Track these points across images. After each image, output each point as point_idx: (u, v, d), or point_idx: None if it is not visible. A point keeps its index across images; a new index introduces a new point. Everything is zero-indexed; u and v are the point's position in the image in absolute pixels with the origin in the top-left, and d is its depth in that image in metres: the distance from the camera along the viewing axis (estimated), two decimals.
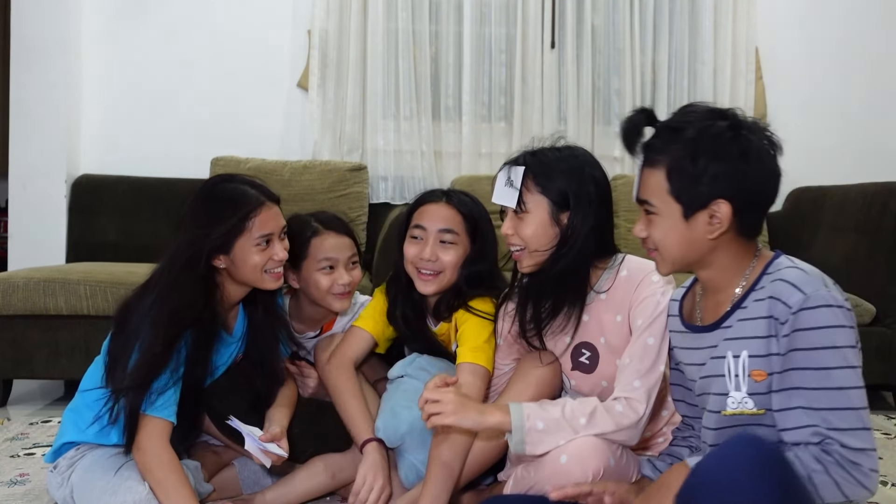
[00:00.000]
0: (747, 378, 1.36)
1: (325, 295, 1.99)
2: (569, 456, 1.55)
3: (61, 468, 1.76)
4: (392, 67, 3.63)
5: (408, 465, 1.85)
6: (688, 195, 1.37)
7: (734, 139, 1.34)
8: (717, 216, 1.36)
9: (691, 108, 1.42)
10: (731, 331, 1.40)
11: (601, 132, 3.71)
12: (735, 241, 1.40)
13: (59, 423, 2.04)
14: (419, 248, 1.91)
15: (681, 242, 1.40)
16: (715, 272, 1.43)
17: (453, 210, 1.95)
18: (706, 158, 1.34)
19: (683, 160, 1.36)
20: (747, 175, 1.34)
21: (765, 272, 1.38)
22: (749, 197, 1.36)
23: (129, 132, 3.65)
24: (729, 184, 1.34)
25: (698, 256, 1.42)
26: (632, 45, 3.66)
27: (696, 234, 1.39)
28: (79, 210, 3.48)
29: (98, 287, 2.76)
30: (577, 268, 1.71)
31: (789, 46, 3.80)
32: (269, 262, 1.77)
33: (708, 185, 1.34)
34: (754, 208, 1.38)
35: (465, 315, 1.92)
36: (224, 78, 3.67)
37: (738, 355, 1.37)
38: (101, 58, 3.63)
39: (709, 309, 1.48)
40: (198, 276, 1.73)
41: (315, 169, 3.45)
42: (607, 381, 1.73)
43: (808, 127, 3.78)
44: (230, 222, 1.72)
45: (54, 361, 2.78)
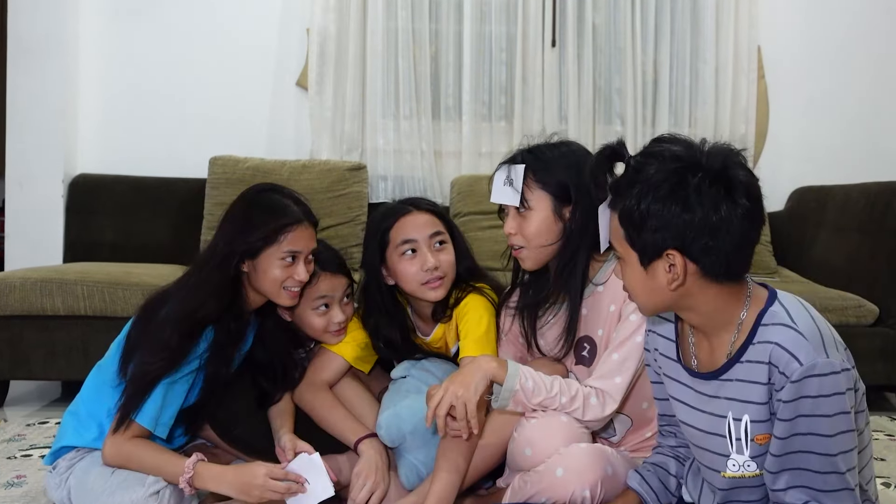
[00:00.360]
0: (751, 443, 1.34)
1: (319, 334, 1.99)
2: (565, 469, 1.57)
3: (60, 469, 1.77)
4: (392, 66, 3.64)
5: (408, 466, 1.85)
6: (639, 243, 1.31)
7: (678, 185, 1.26)
8: (673, 266, 1.29)
9: (656, 147, 1.35)
10: (730, 388, 1.35)
11: (602, 131, 3.72)
12: (710, 286, 1.31)
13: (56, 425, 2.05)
14: (419, 262, 1.89)
15: (646, 290, 1.35)
16: (700, 318, 1.37)
17: (428, 213, 1.96)
18: (650, 206, 1.27)
19: (632, 207, 1.30)
20: (692, 224, 1.25)
21: (760, 322, 1.32)
22: (702, 245, 1.26)
23: (126, 131, 3.66)
24: (675, 233, 1.27)
25: (670, 303, 1.35)
26: (633, 43, 3.66)
27: (658, 282, 1.32)
28: (76, 210, 3.48)
29: (95, 287, 2.76)
30: (573, 258, 1.74)
31: (792, 45, 3.80)
32: (290, 279, 1.78)
33: (654, 235, 1.28)
34: (714, 255, 1.27)
35: (465, 308, 1.93)
36: (222, 77, 3.67)
37: (739, 419, 1.34)
38: (98, 57, 3.63)
39: (704, 352, 1.42)
40: (226, 276, 1.75)
41: (314, 168, 3.46)
42: None
43: (811, 126, 3.79)
44: (265, 230, 1.74)
45: (51, 362, 2.78)
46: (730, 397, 1.35)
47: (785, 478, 1.29)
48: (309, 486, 1.66)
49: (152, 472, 1.66)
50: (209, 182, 3.43)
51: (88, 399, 1.79)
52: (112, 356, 1.78)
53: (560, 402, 1.65)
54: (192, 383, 1.74)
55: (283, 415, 1.91)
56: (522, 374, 1.64)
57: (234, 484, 1.63)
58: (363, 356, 2.04)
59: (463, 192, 3.49)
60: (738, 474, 1.36)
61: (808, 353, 1.24)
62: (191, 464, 1.64)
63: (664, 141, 1.35)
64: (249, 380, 1.92)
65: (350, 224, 3.42)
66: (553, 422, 1.65)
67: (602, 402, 1.67)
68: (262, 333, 1.93)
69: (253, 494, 1.62)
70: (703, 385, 1.40)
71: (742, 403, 1.33)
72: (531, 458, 1.64)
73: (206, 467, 1.66)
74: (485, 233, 3.30)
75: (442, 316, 1.99)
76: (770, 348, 1.28)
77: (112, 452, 1.69)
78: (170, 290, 1.79)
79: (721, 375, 1.36)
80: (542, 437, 1.64)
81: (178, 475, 1.64)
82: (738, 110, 3.71)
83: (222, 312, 1.75)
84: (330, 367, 1.99)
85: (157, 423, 1.69)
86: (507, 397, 1.63)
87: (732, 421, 1.35)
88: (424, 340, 2.04)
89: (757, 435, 1.33)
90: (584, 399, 1.66)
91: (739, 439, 1.34)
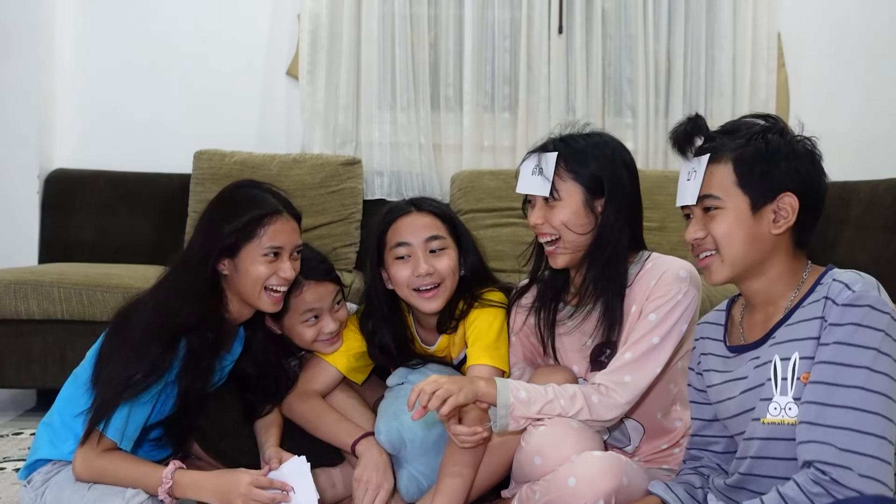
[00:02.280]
0: (796, 381, 1.36)
1: (310, 345, 1.98)
2: (577, 478, 1.56)
3: (35, 483, 1.77)
4: (388, 54, 3.63)
5: (408, 477, 1.85)
6: (758, 186, 1.42)
7: (801, 143, 1.45)
8: (783, 210, 1.42)
9: (740, 121, 1.51)
10: (779, 336, 1.42)
11: (612, 123, 3.71)
12: (790, 247, 1.46)
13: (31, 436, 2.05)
14: (411, 267, 1.89)
15: (745, 237, 1.43)
16: (767, 283, 1.47)
17: (429, 215, 1.94)
18: (778, 151, 1.42)
19: (756, 151, 1.42)
20: (812, 174, 1.43)
21: (819, 281, 1.43)
22: (813, 195, 1.43)
23: (106, 124, 3.65)
24: (799, 178, 1.42)
25: (758, 257, 1.45)
26: (645, 30, 3.66)
27: (761, 229, 1.43)
28: (52, 207, 3.48)
29: (73, 290, 2.76)
30: (613, 256, 1.74)
31: (814, 31, 3.80)
32: (273, 277, 1.76)
33: (780, 177, 1.41)
34: (814, 211, 1.44)
35: (475, 313, 1.93)
36: (208, 66, 3.67)
37: (787, 357, 1.38)
38: (76, 45, 3.63)
39: (755, 326, 1.50)
40: (203, 278, 1.74)
41: (305, 163, 3.45)
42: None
43: (834, 118, 3.78)
44: (240, 223, 1.73)
45: (26, 369, 2.77)
46: (778, 342, 1.42)
47: (805, 427, 1.31)
48: (294, 496, 1.66)
49: (129, 485, 1.65)
50: (194, 177, 3.43)
51: (64, 409, 1.78)
52: (88, 364, 1.77)
53: (560, 406, 1.65)
54: (160, 396, 1.71)
55: (270, 428, 1.91)
56: (513, 387, 1.65)
57: (216, 491, 1.63)
58: (357, 367, 2.04)
59: (464, 189, 3.49)
60: (777, 419, 1.38)
61: (862, 285, 1.34)
62: (169, 473, 1.64)
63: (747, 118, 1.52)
64: (236, 392, 1.92)
65: (344, 222, 3.42)
66: (564, 428, 1.64)
67: (606, 399, 1.66)
68: (250, 345, 1.92)
69: (234, 502, 1.61)
70: (751, 354, 1.47)
71: (791, 343, 1.39)
72: (541, 468, 1.63)
73: (185, 475, 1.66)
74: (487, 231, 3.30)
75: (447, 327, 1.97)
76: (828, 286, 1.38)
77: (83, 468, 1.68)
78: (145, 296, 1.77)
79: (771, 336, 1.44)
80: (552, 445, 1.62)
81: (157, 485, 1.64)
82: (756, 101, 3.70)
83: (201, 319, 1.73)
84: (322, 378, 1.99)
85: (123, 436, 1.68)
86: (505, 414, 1.63)
87: (780, 362, 1.39)
88: (427, 350, 2.04)
89: (805, 373, 1.36)
90: (585, 398, 1.66)
91: (785, 378, 1.38)
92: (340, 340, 2.00)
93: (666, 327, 1.68)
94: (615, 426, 1.80)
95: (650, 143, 3.65)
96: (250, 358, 1.92)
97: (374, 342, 2.00)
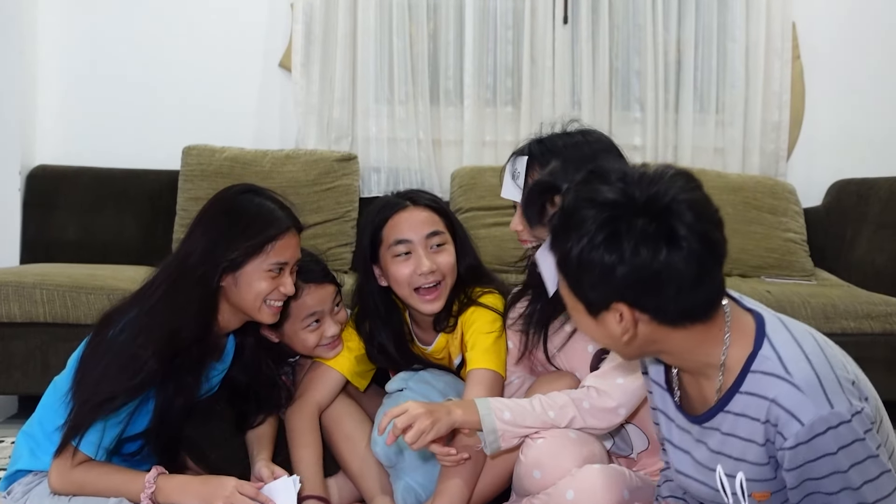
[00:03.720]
0: (749, 498, 1.33)
1: (313, 351, 2.00)
2: (576, 492, 1.57)
3: (15, 495, 1.77)
4: (385, 45, 3.63)
5: (405, 488, 1.86)
6: (581, 295, 1.28)
7: (611, 237, 1.21)
8: (623, 321, 1.26)
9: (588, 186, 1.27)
10: (718, 440, 1.34)
11: (619, 118, 3.71)
12: (671, 331, 1.28)
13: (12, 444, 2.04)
14: (413, 264, 1.89)
15: (605, 341, 1.33)
16: (676, 360, 1.36)
17: (428, 210, 1.95)
18: (585, 258, 1.23)
19: (568, 258, 1.26)
20: (629, 276, 1.21)
21: (749, 368, 1.29)
22: (647, 294, 1.23)
23: (90, 118, 3.65)
24: (615, 287, 1.23)
25: (636, 351, 1.33)
26: (654, 20, 3.65)
27: (611, 332, 1.29)
28: (35, 205, 3.47)
29: (56, 291, 2.76)
30: None
31: (830, 22, 3.79)
32: (275, 292, 1.77)
33: (594, 290, 1.25)
34: (664, 303, 1.24)
35: (473, 316, 1.93)
36: (197, 58, 3.66)
37: (732, 475, 1.33)
38: (59, 36, 3.62)
39: (694, 390, 1.40)
40: (206, 292, 1.73)
41: (299, 159, 3.45)
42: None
43: (852, 112, 3.78)
44: (252, 241, 1.73)
45: (6, 375, 2.77)
46: (718, 451, 1.34)
47: None
48: None
49: (111, 495, 1.66)
50: (182, 174, 3.42)
51: (44, 418, 1.78)
52: (69, 372, 1.77)
53: (550, 418, 1.66)
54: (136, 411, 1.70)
55: (262, 440, 1.91)
56: (496, 409, 1.65)
57: (199, 494, 1.65)
58: (360, 371, 2.04)
59: (464, 186, 3.49)
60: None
61: (807, 409, 1.21)
62: (151, 478, 1.66)
63: (595, 178, 1.28)
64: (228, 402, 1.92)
65: (339, 221, 3.42)
66: (563, 440, 1.65)
67: (598, 403, 1.67)
68: (241, 353, 1.92)
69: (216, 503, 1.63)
70: (691, 427, 1.40)
71: (734, 461, 1.32)
72: (540, 482, 1.64)
73: (168, 479, 1.68)
74: (488, 231, 3.30)
75: (444, 326, 1.97)
76: (766, 406, 1.26)
77: (60, 482, 1.69)
78: (130, 304, 1.75)
79: (705, 422, 1.35)
80: (551, 458, 1.63)
81: (139, 492, 1.65)
82: (770, 95, 3.69)
83: (202, 334, 1.73)
84: (325, 385, 1.99)
85: (98, 450, 1.69)
86: (494, 439, 1.64)
87: (725, 478, 1.34)
88: (424, 351, 2.04)
89: (755, 492, 1.32)
90: (576, 406, 1.67)
91: (735, 494, 1.33)
92: (342, 344, 2.01)
93: None
94: (615, 431, 1.80)
95: (659, 138, 3.63)
96: (242, 365, 1.92)
97: (373, 343, 2.01)
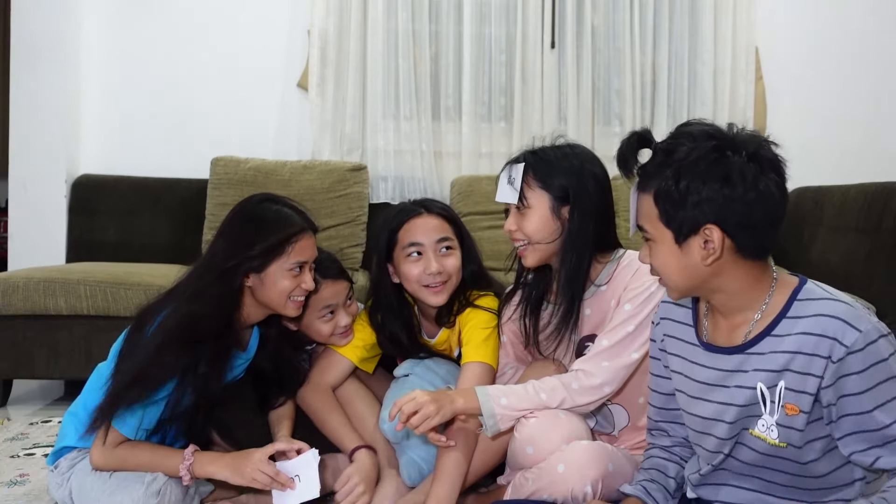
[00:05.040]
0: (780, 408, 1.33)
1: (327, 338, 2.00)
2: (566, 465, 1.57)
3: (62, 469, 1.77)
4: (392, 67, 3.63)
5: (409, 462, 1.85)
6: (676, 221, 1.32)
7: (717, 162, 1.29)
8: (709, 241, 1.31)
9: (685, 129, 1.36)
10: (760, 360, 1.35)
11: (601, 132, 3.71)
12: (740, 263, 1.33)
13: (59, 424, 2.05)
14: (423, 265, 1.90)
15: (679, 269, 1.35)
16: (726, 297, 1.38)
17: (439, 218, 1.96)
18: (689, 183, 1.29)
19: (669, 185, 1.31)
20: (732, 198, 1.28)
21: (794, 298, 1.33)
22: (740, 220, 1.29)
23: (128, 132, 3.65)
24: (715, 208, 1.29)
25: (701, 282, 1.36)
26: (632, 45, 3.65)
27: (692, 260, 1.33)
28: (79, 210, 3.48)
29: (98, 287, 2.76)
30: (579, 262, 1.75)
31: (789, 46, 3.79)
32: (297, 289, 1.78)
33: (693, 210, 1.30)
34: (750, 231, 1.30)
35: (469, 315, 1.94)
36: (224, 78, 3.67)
37: (773, 386, 1.33)
38: (100, 57, 3.63)
39: (721, 330, 1.42)
40: (228, 290, 1.73)
41: (315, 169, 3.45)
42: None
43: (809, 126, 3.78)
44: (272, 243, 1.73)
45: (54, 361, 2.77)
46: (759, 368, 1.35)
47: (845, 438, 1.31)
48: (298, 484, 1.67)
49: (149, 469, 1.66)
50: (211, 182, 3.42)
51: (88, 401, 1.78)
52: (111, 360, 1.77)
53: (542, 400, 1.67)
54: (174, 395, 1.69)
55: (283, 420, 1.92)
56: (494, 396, 1.67)
57: (230, 465, 1.66)
58: (367, 357, 2.05)
59: (463, 193, 3.49)
60: (762, 435, 1.36)
61: (862, 320, 1.27)
62: (189, 452, 1.67)
63: (693, 124, 1.36)
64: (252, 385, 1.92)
65: (351, 224, 3.42)
66: (553, 419, 1.66)
67: (585, 383, 1.68)
68: (265, 342, 1.92)
69: (245, 473, 1.64)
70: (725, 360, 1.40)
71: (776, 373, 1.33)
72: (533, 457, 1.64)
73: (202, 454, 1.69)
74: (484, 233, 3.29)
75: (446, 321, 1.99)
76: (823, 321, 1.29)
77: (102, 462, 1.69)
78: (164, 300, 1.76)
79: (748, 349, 1.36)
80: (543, 436, 1.64)
81: (177, 465, 1.65)
82: (736, 111, 3.69)
83: (220, 328, 1.73)
84: (335, 369, 2.00)
85: (137, 432, 1.69)
86: (493, 423, 1.66)
87: (766, 389, 1.34)
88: (429, 342, 2.05)
89: (787, 403, 1.33)
90: (565, 388, 1.68)
91: (773, 402, 1.34)
92: (352, 333, 2.02)
93: (641, 316, 1.70)
94: (597, 410, 1.81)
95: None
96: (266, 354, 1.92)
97: (385, 333, 2.01)
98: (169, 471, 1.66)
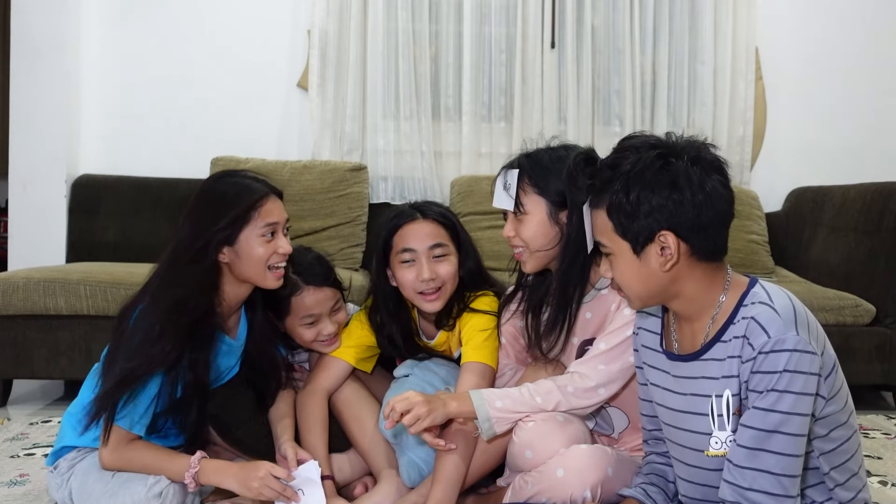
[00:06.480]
0: (733, 416, 1.35)
1: (310, 345, 1.99)
2: (566, 469, 1.56)
3: (61, 469, 1.77)
4: (392, 67, 3.63)
5: (408, 462, 1.85)
6: (631, 231, 1.36)
7: (663, 169, 1.33)
8: (666, 247, 1.35)
9: (626, 142, 1.41)
10: (712, 367, 1.38)
11: (601, 132, 3.71)
12: (696, 266, 1.38)
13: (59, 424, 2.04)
14: (416, 271, 1.89)
15: (640, 278, 1.39)
16: (685, 302, 1.41)
17: (434, 223, 1.94)
18: (639, 193, 1.34)
19: (620, 198, 1.35)
20: (682, 203, 1.32)
21: (741, 303, 1.36)
22: (692, 223, 1.33)
23: (129, 132, 3.65)
24: (666, 214, 1.33)
25: (662, 289, 1.40)
26: (632, 45, 3.65)
27: (651, 268, 1.37)
28: (79, 210, 3.48)
29: (98, 287, 2.76)
30: (579, 268, 1.73)
31: (789, 47, 3.79)
32: (274, 255, 1.75)
33: (647, 219, 1.34)
34: (702, 232, 1.35)
35: (469, 316, 1.93)
36: (224, 78, 3.66)
37: (720, 395, 1.36)
38: (101, 58, 3.62)
39: (685, 337, 1.46)
40: (204, 268, 1.71)
41: (315, 169, 3.45)
42: None
43: (808, 127, 3.78)
44: (236, 212, 1.71)
45: (54, 361, 2.77)
46: (711, 376, 1.38)
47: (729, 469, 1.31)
48: (304, 498, 1.67)
49: (154, 472, 1.65)
50: None
51: (86, 400, 1.77)
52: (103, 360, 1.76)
53: (537, 403, 1.66)
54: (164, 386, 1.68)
55: (283, 420, 1.90)
56: (489, 399, 1.66)
57: (236, 476, 1.64)
58: (365, 357, 2.03)
59: (463, 193, 3.49)
60: (720, 452, 1.37)
61: (777, 327, 1.28)
62: (196, 460, 1.64)
63: (633, 137, 1.42)
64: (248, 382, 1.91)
65: (351, 224, 3.41)
66: (552, 423, 1.65)
67: (581, 385, 1.67)
68: (252, 328, 1.90)
69: (252, 487, 1.62)
70: (685, 368, 1.43)
71: (723, 380, 1.36)
72: (531, 461, 1.64)
73: (209, 462, 1.67)
74: (484, 233, 3.29)
75: (445, 324, 1.98)
76: (746, 323, 1.32)
77: (110, 461, 1.68)
78: (142, 295, 1.73)
79: (702, 356, 1.39)
80: (541, 440, 1.63)
81: (182, 471, 1.63)
82: (736, 112, 3.70)
83: (205, 309, 1.71)
84: (332, 372, 1.98)
85: (134, 424, 1.67)
86: (489, 427, 1.65)
87: (715, 398, 1.37)
88: (428, 344, 2.04)
89: (738, 408, 1.34)
90: (560, 391, 1.67)
91: (721, 415, 1.36)
92: (338, 341, 1.99)
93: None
94: (596, 412, 1.80)
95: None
96: (253, 340, 1.90)
97: (383, 334, 2.00)
98: (174, 475, 1.64)
